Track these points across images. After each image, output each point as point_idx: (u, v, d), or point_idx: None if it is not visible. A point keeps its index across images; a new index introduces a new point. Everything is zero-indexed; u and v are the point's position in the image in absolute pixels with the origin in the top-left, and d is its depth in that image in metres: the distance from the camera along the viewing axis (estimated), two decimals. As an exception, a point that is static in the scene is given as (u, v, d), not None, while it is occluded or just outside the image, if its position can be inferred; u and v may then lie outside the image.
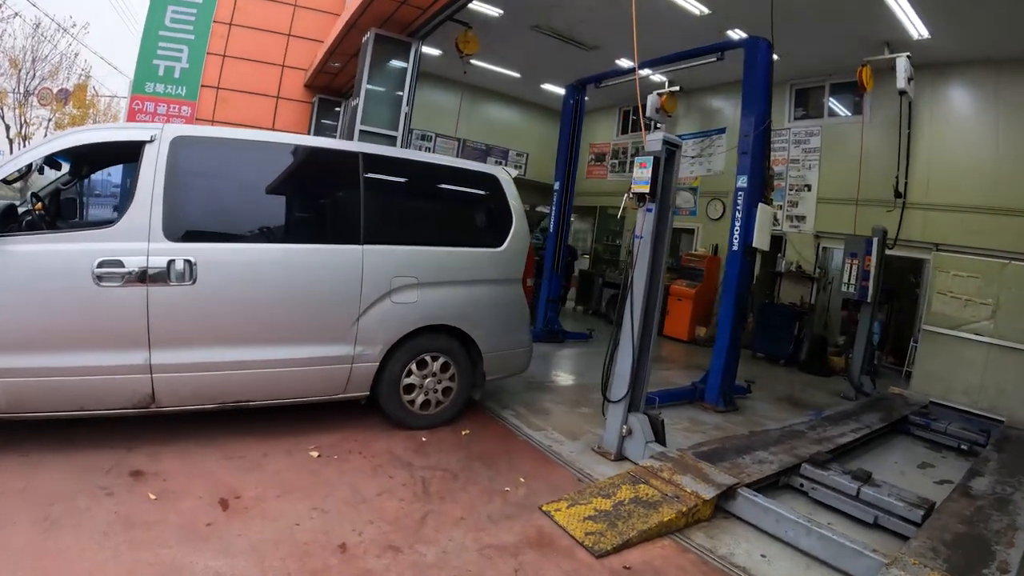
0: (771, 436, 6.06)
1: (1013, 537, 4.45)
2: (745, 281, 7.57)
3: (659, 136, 5.13)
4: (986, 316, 9.17)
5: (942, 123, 10.62)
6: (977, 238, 9.80)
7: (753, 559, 3.95)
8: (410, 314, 4.81)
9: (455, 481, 4.32)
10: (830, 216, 11.68)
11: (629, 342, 5.18)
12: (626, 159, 15.96)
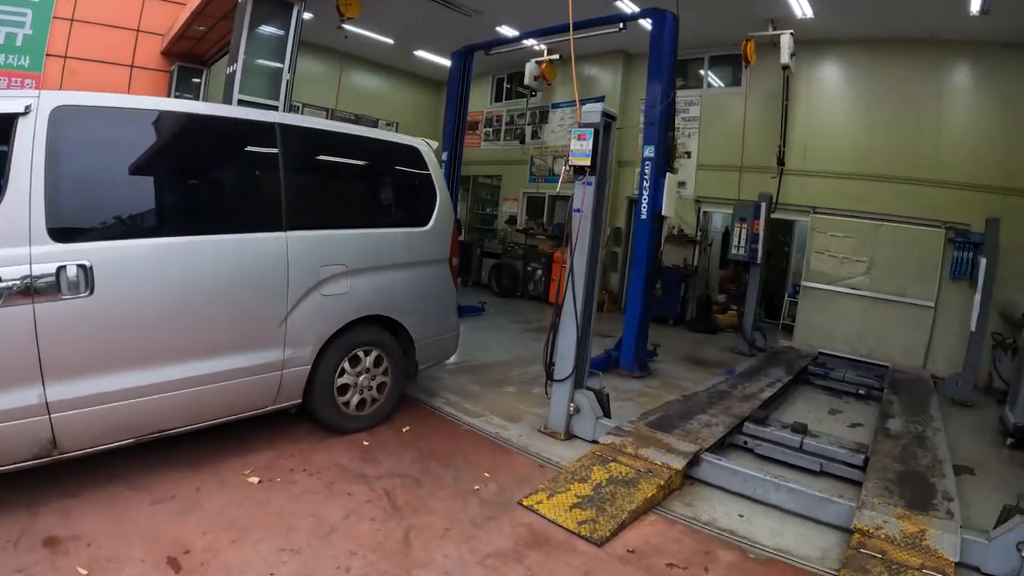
0: (703, 399, 6.38)
1: (942, 469, 5.10)
2: (655, 248, 7.90)
3: (598, 108, 5.09)
4: (861, 272, 10.53)
5: (819, 96, 11.72)
6: (852, 202, 10.91)
7: (734, 520, 4.20)
8: (341, 307, 4.43)
9: (420, 488, 4.09)
10: (710, 182, 12.48)
11: (572, 320, 5.15)
12: (500, 127, 15.93)
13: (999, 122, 10.18)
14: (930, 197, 10.39)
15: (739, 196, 11.07)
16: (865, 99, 11.20)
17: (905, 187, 10.61)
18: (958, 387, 8.82)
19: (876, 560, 3.67)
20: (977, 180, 10.15)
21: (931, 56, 10.60)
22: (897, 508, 4.20)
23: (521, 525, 3.80)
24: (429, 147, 5.27)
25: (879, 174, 10.85)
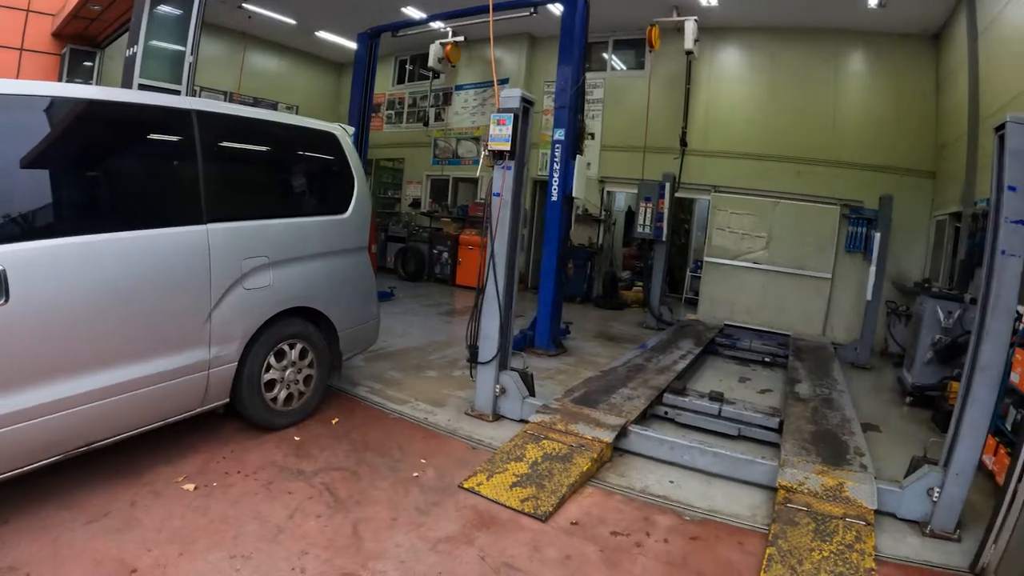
0: (621, 373, 6.66)
1: (851, 427, 5.57)
2: (566, 229, 8.16)
3: (517, 93, 5.21)
4: (761, 247, 11.28)
5: (721, 81, 12.43)
6: (752, 181, 11.69)
7: (666, 487, 4.51)
8: (266, 300, 4.34)
9: (359, 480, 4.12)
10: (614, 163, 12.98)
11: (494, 302, 5.30)
12: (403, 110, 15.80)
13: (891, 107, 11.19)
14: (826, 176, 11.30)
15: (643, 176, 11.66)
16: (765, 84, 11.96)
17: (802, 167, 11.46)
18: (857, 352, 9.63)
19: (802, 513, 4.01)
20: (870, 160, 11.13)
21: (829, 44, 11.47)
22: (815, 465, 4.62)
23: (466, 508, 3.91)
24: (346, 132, 5.20)
25: (778, 154, 11.65)
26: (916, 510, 4.22)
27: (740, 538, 3.93)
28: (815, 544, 3.72)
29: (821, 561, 3.58)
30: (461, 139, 14.33)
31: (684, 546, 3.78)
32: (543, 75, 13.27)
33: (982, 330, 3.99)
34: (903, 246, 10.64)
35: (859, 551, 3.69)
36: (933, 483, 4.14)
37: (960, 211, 9.05)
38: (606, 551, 3.61)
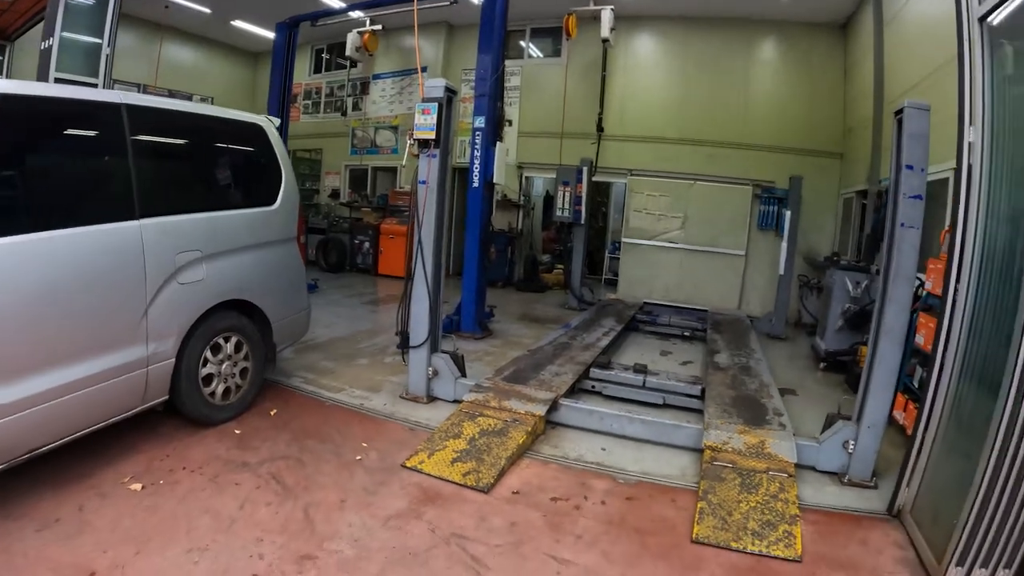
0: (548, 351, 6.91)
1: (769, 391, 6.01)
2: (488, 215, 8.36)
3: (440, 83, 5.37)
4: (677, 227, 11.81)
5: (636, 68, 12.80)
6: (667, 164, 12.14)
7: (599, 454, 4.80)
8: (200, 294, 4.34)
9: (304, 467, 4.20)
10: (532, 149, 13.21)
11: (424, 288, 5.44)
12: (320, 100, 15.51)
13: (800, 92, 11.90)
14: (738, 158, 11.88)
15: (561, 161, 11.88)
16: (679, 71, 12.43)
17: (716, 150, 12.02)
18: (772, 323, 10.24)
19: (728, 469, 4.34)
20: (780, 143, 11.78)
21: (741, 33, 12.04)
22: (738, 426, 5.00)
23: (411, 485, 4.06)
24: (272, 124, 5.18)
25: (692, 138, 12.18)
26: (834, 462, 4.64)
27: (672, 496, 4.24)
28: (742, 496, 4.05)
29: (749, 511, 3.90)
30: (379, 128, 14.27)
31: (621, 506, 4.05)
32: (461, 63, 13.40)
33: (885, 296, 4.43)
34: (813, 223, 11.34)
35: (783, 500, 4.05)
36: (848, 436, 4.56)
37: (866, 189, 9.72)
38: (548, 516, 3.84)
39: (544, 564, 3.33)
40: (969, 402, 3.69)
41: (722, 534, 3.69)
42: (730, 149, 11.94)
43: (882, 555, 3.71)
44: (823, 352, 7.97)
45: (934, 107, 4.33)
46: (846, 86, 11.64)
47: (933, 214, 5.45)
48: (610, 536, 3.67)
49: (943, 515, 3.51)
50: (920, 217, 4.28)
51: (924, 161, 4.23)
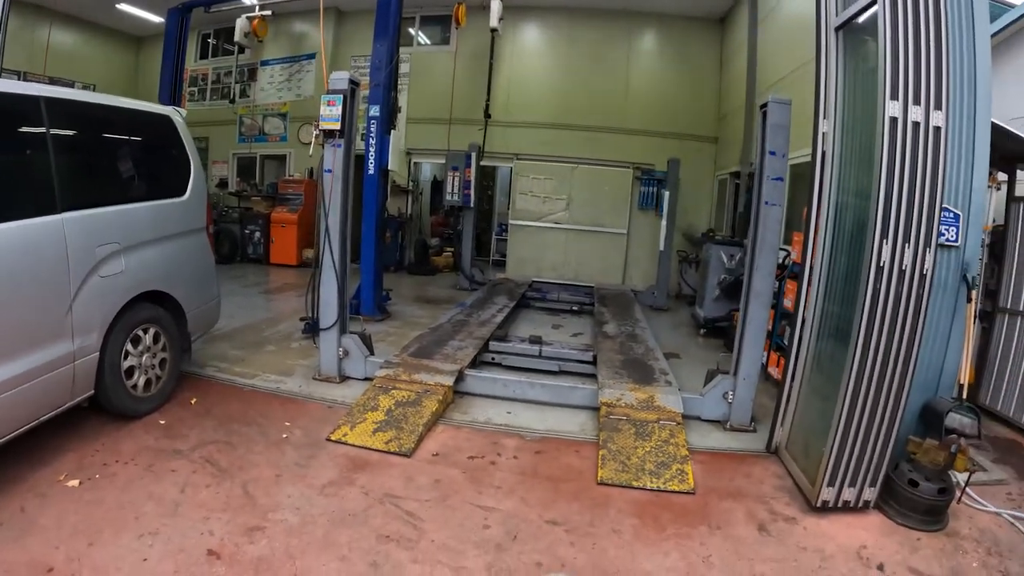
0: (448, 329, 7.27)
1: (655, 355, 6.63)
2: (382, 200, 8.58)
3: (345, 75, 5.57)
4: (562, 209, 12.38)
5: (523, 56, 13.19)
6: (552, 148, 12.64)
7: (505, 417, 5.25)
8: (120, 286, 4.37)
9: (235, 449, 4.37)
10: (421, 135, 13.35)
11: (332, 272, 5.64)
12: (207, 86, 14.82)
13: (678, 81, 12.72)
14: (620, 142, 12.56)
15: (449, 147, 12.16)
16: (564, 59, 12.95)
17: (598, 134, 12.67)
18: (654, 296, 10.96)
19: (624, 421, 4.87)
20: (659, 128, 12.55)
21: (624, 24, 12.68)
22: (629, 384, 5.56)
23: (338, 456, 4.35)
24: (181, 116, 5.18)
25: (575, 123, 12.77)
26: (716, 411, 5.30)
27: (576, 448, 4.76)
28: (638, 443, 4.60)
29: (645, 455, 4.46)
30: (268, 115, 13.98)
31: (532, 459, 4.54)
32: (350, 50, 13.32)
33: (753, 265, 5.07)
34: (690, 202, 12.19)
35: (674, 444, 4.65)
36: (727, 388, 5.23)
37: (739, 171, 10.61)
38: (468, 472, 4.27)
39: (471, 512, 3.73)
40: (827, 354, 4.38)
41: (624, 475, 4.22)
42: (612, 134, 12.63)
43: (764, 484, 4.38)
44: (702, 319, 8.73)
45: (798, 100, 5.02)
46: (721, 76, 12.59)
47: (801, 193, 6.21)
48: (526, 485, 4.11)
49: (813, 448, 4.18)
50: (782, 196, 4.98)
51: (785, 148, 4.92)
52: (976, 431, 3.96)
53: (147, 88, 10.49)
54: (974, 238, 4.23)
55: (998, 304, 6.06)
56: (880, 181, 3.56)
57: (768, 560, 3.48)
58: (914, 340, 3.68)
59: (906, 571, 3.47)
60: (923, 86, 3.53)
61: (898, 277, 3.61)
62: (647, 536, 3.62)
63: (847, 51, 4.38)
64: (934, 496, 3.88)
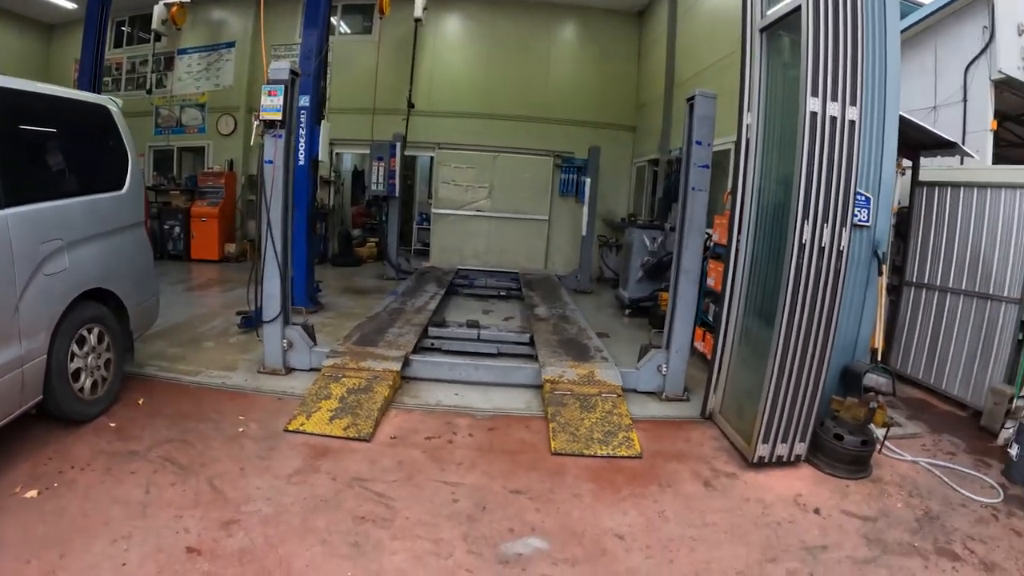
0: (385, 318, 7.37)
1: (588, 334, 6.92)
2: (312, 191, 8.52)
3: (285, 66, 5.53)
4: (484, 197, 12.56)
5: (445, 46, 13.14)
6: (473, 137, 12.69)
7: (454, 399, 5.42)
8: (65, 285, 4.19)
9: (193, 446, 4.26)
10: (343, 125, 12.86)
11: (274, 265, 5.63)
12: (121, 76, 13.88)
13: (599, 72, 12.96)
14: (540, 131, 12.70)
15: (372, 137, 12.10)
16: (486, 50, 13.01)
17: (520, 124, 12.77)
18: (578, 280, 11.27)
19: (568, 396, 5.14)
20: (579, 117, 12.79)
21: (545, 16, 12.83)
22: (568, 362, 5.81)
23: (299, 445, 4.39)
24: (118, 106, 4.99)
25: (497, 113, 12.85)
26: (652, 383, 5.63)
27: (526, 423, 5.01)
28: (584, 415, 4.88)
29: (592, 426, 4.75)
30: (185, 106, 13.32)
31: (486, 435, 4.76)
32: (271, 38, 12.81)
33: (682, 245, 5.38)
34: (610, 188, 12.51)
35: (618, 415, 4.96)
36: (660, 361, 5.57)
37: (658, 158, 11.01)
38: (428, 452, 4.43)
39: (438, 488, 3.90)
40: (753, 326, 4.75)
41: (575, 445, 4.48)
42: (533, 123, 12.81)
43: (703, 446, 4.74)
44: (627, 300, 9.08)
45: (719, 91, 5.34)
46: (640, 67, 12.94)
47: (719, 179, 6.58)
48: (485, 459, 4.31)
49: (746, 411, 4.56)
50: (707, 181, 5.31)
51: (710, 137, 5.25)
52: (891, 389, 4.48)
53: (59, 79, 9.84)
54: (884, 218, 4.75)
55: (904, 278, 6.66)
56: (801, 168, 3.92)
57: (716, 511, 3.82)
58: (834, 309, 4.07)
59: (840, 514, 3.89)
60: (840, 85, 3.91)
61: (818, 253, 3.99)
62: (605, 498, 3.90)
63: (770, 50, 4.75)
64: (858, 448, 4.33)
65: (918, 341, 6.54)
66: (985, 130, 8.71)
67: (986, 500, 4.20)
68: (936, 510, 4.02)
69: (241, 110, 12.75)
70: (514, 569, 3.13)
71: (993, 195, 5.80)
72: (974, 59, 8.76)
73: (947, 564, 3.42)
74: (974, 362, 5.88)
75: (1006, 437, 4.95)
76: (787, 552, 3.45)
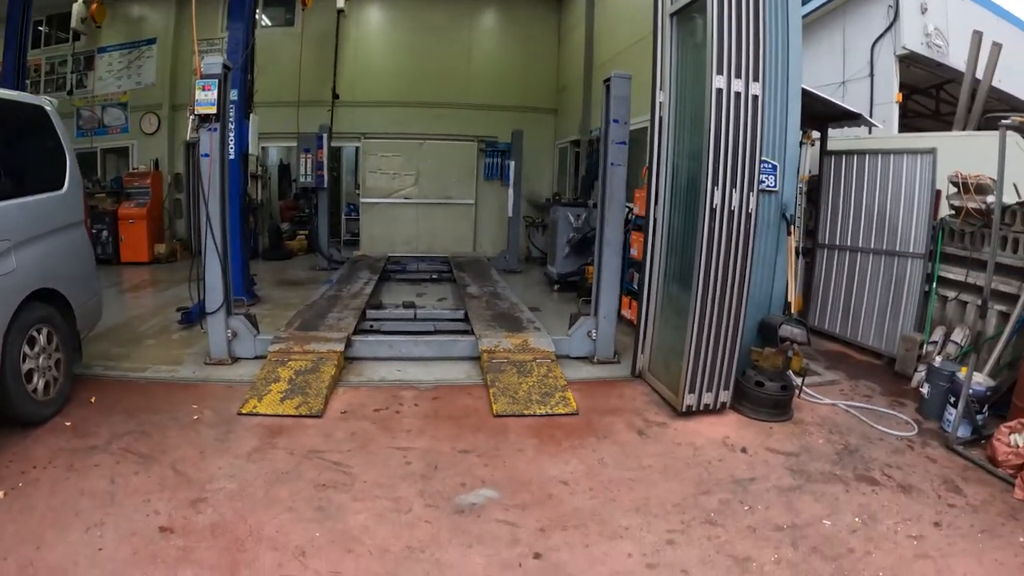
0: (324, 304, 7.51)
1: (520, 308, 7.26)
2: (244, 185, 8.54)
3: (218, 60, 5.60)
4: (411, 184, 12.72)
5: (368, 36, 13.15)
6: (398, 126, 12.81)
7: (396, 374, 5.65)
8: (15, 285, 4.18)
9: (151, 436, 4.29)
10: (267, 118, 12.53)
11: (215, 256, 5.70)
12: (39, 78, 13.17)
13: (519, 56, 13.22)
14: (464, 117, 12.88)
15: (299, 129, 11.98)
16: (409, 39, 13.08)
17: (443, 110, 12.93)
18: (507, 260, 11.52)
19: (505, 363, 5.48)
20: (502, 102, 12.98)
21: (465, 3, 12.97)
22: (503, 333, 6.10)
23: (254, 426, 4.54)
24: (53, 105, 4.97)
25: (421, 101, 12.96)
26: (583, 349, 5.97)
27: (467, 391, 5.31)
28: (521, 380, 5.22)
29: (530, 389, 5.10)
30: (108, 106, 12.88)
31: (431, 404, 5.04)
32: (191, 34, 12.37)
33: (604, 219, 5.70)
34: (534, 170, 12.81)
35: (553, 377, 5.31)
36: (590, 327, 5.91)
37: (579, 138, 11.39)
38: (378, 422, 4.67)
39: (391, 454, 4.15)
40: (674, 288, 5.11)
41: (515, 406, 4.83)
42: (456, 109, 12.99)
43: (635, 400, 5.13)
44: (556, 276, 9.43)
45: (635, 72, 5.64)
46: (560, 50, 13.24)
47: (638, 155, 6.95)
48: (432, 425, 4.59)
49: (672, 366, 4.93)
50: (625, 158, 5.64)
51: (627, 116, 5.58)
52: (806, 338, 4.92)
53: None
54: (790, 184, 5.24)
55: (817, 241, 7.15)
56: (710, 140, 4.28)
57: (651, 455, 4.20)
58: (746, 267, 4.47)
59: (765, 451, 4.32)
60: (744, 63, 4.27)
61: (728, 217, 4.36)
62: (547, 450, 4.23)
63: (680, 33, 5.09)
64: (778, 393, 4.77)
65: (833, 298, 7.01)
66: (891, 102, 9.43)
67: (902, 434, 4.68)
68: (855, 444, 4.47)
69: (164, 107, 12.49)
70: (469, 517, 3.41)
71: (896, 161, 6.24)
72: (880, 36, 9.44)
73: (867, 488, 3.85)
74: (886, 314, 6.36)
75: (919, 379, 5.45)
76: (718, 485, 3.83)
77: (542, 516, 3.42)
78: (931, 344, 5.80)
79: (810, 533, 3.34)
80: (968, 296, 5.60)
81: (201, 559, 2.95)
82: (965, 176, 5.45)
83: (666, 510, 3.53)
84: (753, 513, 3.53)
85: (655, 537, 3.26)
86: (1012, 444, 4.05)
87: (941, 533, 3.39)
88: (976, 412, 4.56)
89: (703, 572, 2.98)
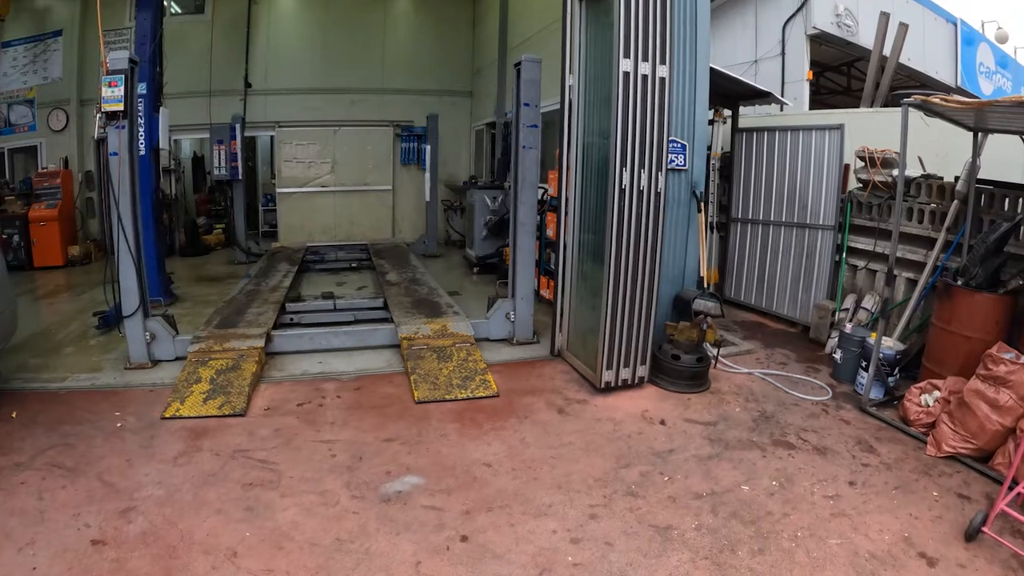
0: (242, 300, 7.28)
1: (438, 293, 7.18)
2: (156, 181, 8.12)
3: (124, 55, 5.28)
4: (328, 172, 12.43)
5: (279, 23, 12.47)
6: (312, 113, 12.37)
7: (318, 367, 5.54)
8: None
9: (75, 448, 4.06)
10: (178, 110, 11.90)
11: (129, 258, 5.43)
12: None
13: (434, 40, 12.87)
14: (379, 102, 12.54)
15: (211, 120, 11.49)
16: (322, 25, 12.53)
17: (358, 96, 12.54)
18: (426, 245, 11.42)
19: (425, 349, 5.47)
20: (417, 86, 12.68)
21: None
22: (422, 319, 6.05)
23: (179, 430, 4.36)
24: None
25: (335, 87, 12.50)
26: (502, 331, 5.95)
27: (389, 379, 5.25)
28: (441, 365, 5.23)
29: (450, 374, 5.10)
30: (13, 103, 11.87)
31: (354, 395, 4.98)
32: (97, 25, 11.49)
33: (517, 200, 5.68)
34: (450, 154, 12.63)
35: (473, 361, 5.29)
36: (507, 309, 5.90)
37: (495, 121, 11.19)
38: (301, 416, 4.57)
39: (316, 448, 4.10)
40: (588, 268, 5.12)
41: (436, 392, 4.84)
42: (372, 94, 12.65)
43: (555, 379, 5.15)
44: (475, 259, 9.39)
45: (546, 55, 5.60)
46: (474, 34, 12.99)
47: (550, 137, 6.91)
48: (355, 416, 4.56)
49: (590, 344, 4.97)
50: (537, 140, 5.59)
51: (537, 99, 5.52)
52: (719, 311, 5.03)
53: None
54: (700, 162, 5.27)
55: (731, 216, 7.28)
56: (617, 121, 4.30)
57: (572, 432, 4.24)
58: (657, 244, 4.53)
59: (683, 422, 4.43)
60: (651, 47, 4.28)
61: (638, 196, 4.40)
62: (470, 434, 4.24)
63: (588, 18, 5.07)
64: (694, 365, 4.86)
65: (748, 270, 7.17)
66: (802, 80, 9.72)
67: (816, 398, 4.84)
68: (771, 411, 4.61)
69: (72, 103, 11.64)
70: (396, 505, 3.40)
71: (806, 137, 6.37)
72: (791, 17, 9.66)
73: (784, 452, 3.99)
74: (799, 284, 6.55)
75: (831, 345, 5.64)
76: (639, 458, 3.90)
77: (467, 499, 3.45)
78: (843, 311, 5.99)
79: (729, 499, 3.46)
80: (877, 265, 5.83)
81: (134, 569, 2.86)
82: (871, 151, 5.64)
83: (588, 485, 3.60)
84: (673, 483, 3.63)
85: (578, 512, 3.32)
86: (923, 404, 4.27)
87: (856, 491, 3.54)
88: (887, 375, 4.75)
89: (626, 543, 3.06)
